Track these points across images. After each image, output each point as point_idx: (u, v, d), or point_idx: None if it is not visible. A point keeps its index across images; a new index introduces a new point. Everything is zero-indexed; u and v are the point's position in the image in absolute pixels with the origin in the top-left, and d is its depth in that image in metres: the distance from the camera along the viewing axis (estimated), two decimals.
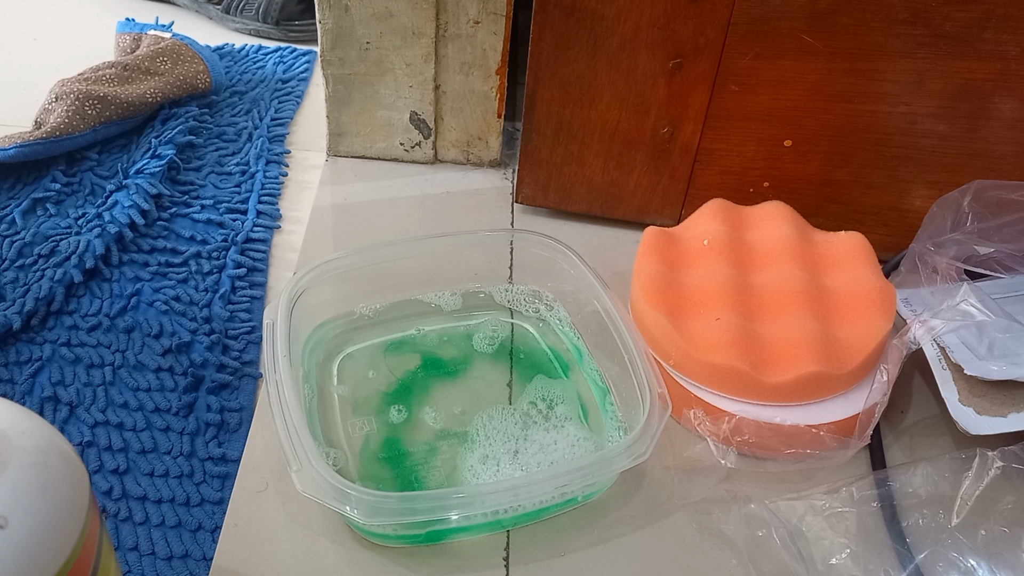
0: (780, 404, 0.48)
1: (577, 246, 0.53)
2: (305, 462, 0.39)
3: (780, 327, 0.49)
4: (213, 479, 0.47)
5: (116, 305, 0.57)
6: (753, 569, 0.42)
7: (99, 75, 0.72)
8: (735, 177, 0.61)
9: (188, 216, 0.65)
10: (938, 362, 0.48)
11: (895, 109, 0.56)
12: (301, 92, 0.81)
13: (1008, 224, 0.54)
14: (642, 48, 0.56)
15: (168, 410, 0.50)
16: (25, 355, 0.53)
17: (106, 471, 0.47)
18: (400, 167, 0.71)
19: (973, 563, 0.41)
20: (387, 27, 0.63)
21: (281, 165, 0.72)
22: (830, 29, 0.53)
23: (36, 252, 0.60)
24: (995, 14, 0.51)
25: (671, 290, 0.52)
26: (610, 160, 0.62)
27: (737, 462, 0.47)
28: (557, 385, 0.50)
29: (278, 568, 0.42)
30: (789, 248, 0.54)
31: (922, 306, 0.52)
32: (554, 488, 0.40)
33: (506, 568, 0.43)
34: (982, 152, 0.57)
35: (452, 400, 0.50)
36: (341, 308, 0.54)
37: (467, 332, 0.54)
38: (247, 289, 0.59)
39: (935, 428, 0.51)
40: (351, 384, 0.50)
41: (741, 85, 0.57)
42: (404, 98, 0.67)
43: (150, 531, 0.45)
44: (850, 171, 0.59)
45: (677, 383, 0.50)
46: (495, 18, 0.62)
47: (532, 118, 0.61)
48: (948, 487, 0.44)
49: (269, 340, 0.45)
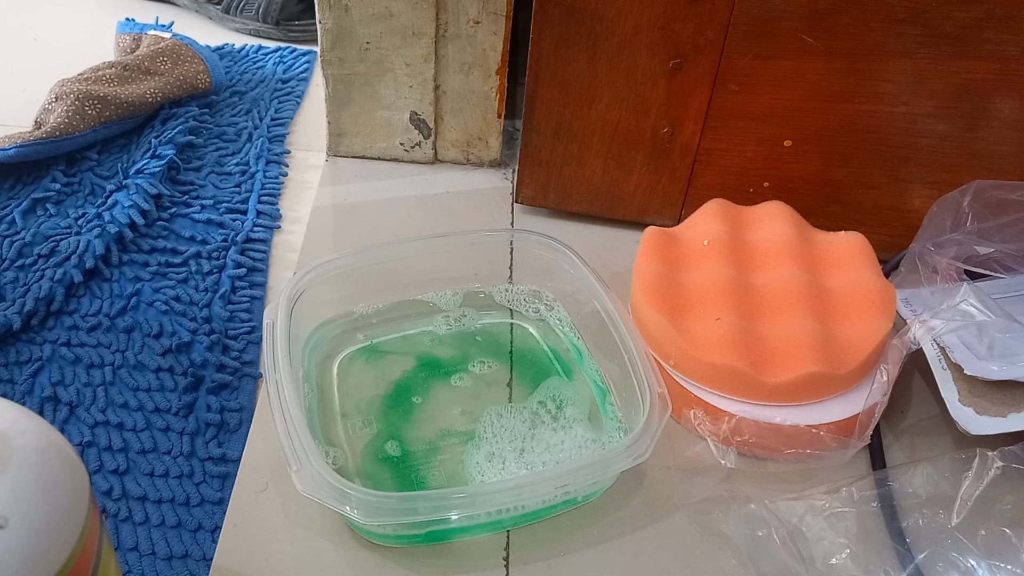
0: (780, 404, 0.48)
1: (577, 246, 0.53)
2: (305, 462, 0.39)
3: (780, 327, 0.49)
4: (213, 479, 0.47)
5: (116, 305, 0.57)
6: (753, 569, 0.42)
7: (99, 75, 0.72)
8: (735, 177, 0.61)
9: (188, 216, 0.65)
10: (938, 362, 0.48)
11: (895, 109, 0.56)
12: (301, 92, 0.81)
13: (1008, 224, 0.54)
14: (642, 48, 0.56)
15: (168, 410, 0.50)
16: (25, 355, 0.53)
17: (106, 471, 0.47)
18: (400, 167, 0.71)
19: (973, 563, 0.41)
20: (387, 27, 0.63)
21: (281, 165, 0.72)
22: (830, 29, 0.53)
23: (36, 252, 0.60)
24: (995, 14, 0.51)
25: (671, 290, 0.52)
26: (610, 160, 0.62)
27: (737, 462, 0.47)
28: (568, 386, 0.51)
29: (278, 568, 0.42)
30: (789, 248, 0.54)
31: (922, 306, 0.52)
32: (554, 488, 0.40)
33: (506, 568, 0.43)
34: (982, 152, 0.57)
35: (452, 400, 0.50)
36: (341, 308, 0.54)
37: (467, 332, 0.54)
38: (247, 289, 0.59)
39: (935, 428, 0.51)
40: (351, 384, 0.50)
41: (741, 85, 0.57)
42: (404, 98, 0.67)
43: (150, 531, 0.45)
44: (850, 171, 0.59)
45: (677, 383, 0.50)
46: (495, 18, 0.62)
47: (532, 118, 0.61)
48: (948, 487, 0.44)
49: (269, 340, 0.45)
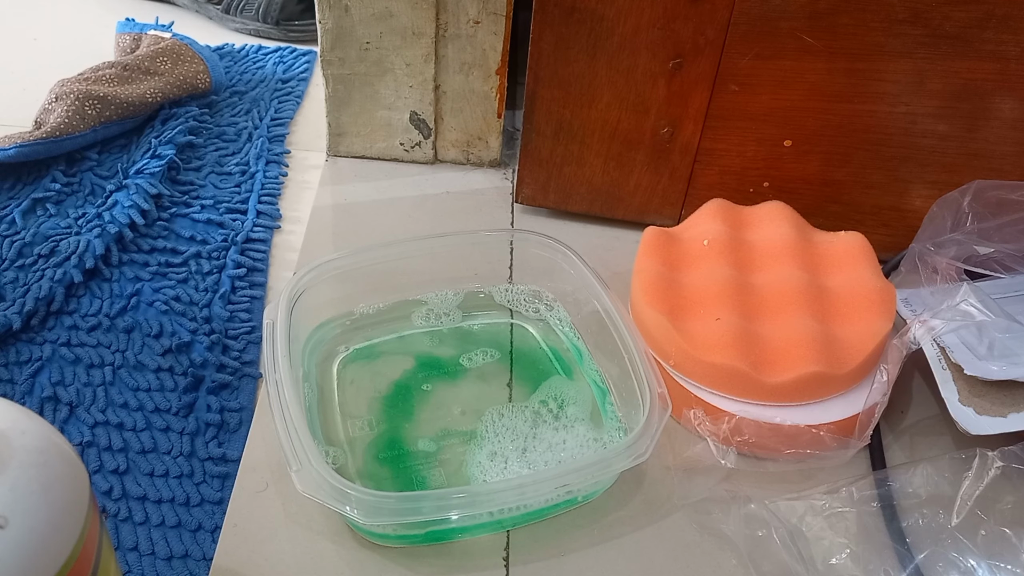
0: (780, 404, 0.48)
1: (577, 246, 0.53)
2: (305, 462, 0.39)
3: (780, 327, 0.49)
4: (213, 479, 0.47)
5: (116, 305, 0.57)
6: (753, 569, 0.42)
7: (99, 75, 0.72)
8: (735, 177, 0.61)
9: (188, 216, 0.65)
10: (938, 362, 0.48)
11: (895, 109, 0.56)
12: (301, 92, 0.81)
13: (1008, 224, 0.54)
14: (642, 48, 0.56)
15: (168, 410, 0.50)
16: (25, 355, 0.53)
17: (106, 471, 0.47)
18: (400, 167, 0.71)
19: (973, 563, 0.41)
20: (387, 27, 0.63)
21: (281, 165, 0.72)
22: (830, 29, 0.53)
23: (36, 252, 0.60)
24: (995, 14, 0.51)
25: (671, 290, 0.52)
26: (610, 160, 0.62)
27: (737, 462, 0.47)
28: (570, 386, 0.51)
29: (278, 568, 0.42)
30: (789, 248, 0.54)
31: (922, 306, 0.52)
32: (554, 488, 0.40)
33: (506, 568, 0.43)
34: (982, 152, 0.57)
35: (452, 400, 0.50)
36: (341, 308, 0.54)
37: (467, 332, 0.54)
38: (247, 289, 0.59)
39: (935, 428, 0.51)
40: (351, 384, 0.50)
41: (741, 85, 0.57)
42: (404, 98, 0.67)
43: (150, 531, 0.45)
44: (850, 171, 0.59)
45: (677, 383, 0.50)
46: (495, 18, 0.62)
47: (532, 118, 0.61)
48: (948, 487, 0.44)
49: (269, 340, 0.45)
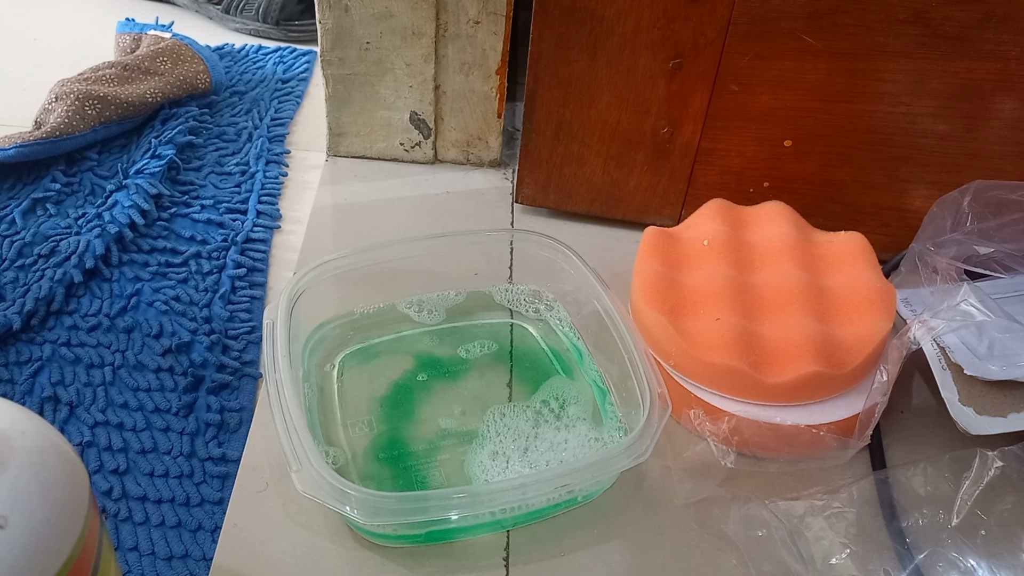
0: (780, 404, 0.48)
1: (577, 246, 0.53)
2: (305, 462, 0.39)
3: (780, 327, 0.49)
4: (213, 479, 0.47)
5: (116, 305, 0.57)
6: (753, 569, 0.42)
7: (99, 75, 0.72)
8: (735, 177, 0.61)
9: (188, 216, 0.65)
10: (938, 362, 0.48)
11: (895, 109, 0.56)
12: (301, 92, 0.81)
13: (1008, 224, 0.54)
14: (642, 48, 0.56)
15: (168, 410, 0.50)
16: (25, 355, 0.53)
17: (106, 471, 0.47)
18: (400, 167, 0.71)
19: (973, 563, 0.41)
20: (387, 27, 0.63)
21: (281, 165, 0.72)
22: (830, 29, 0.53)
23: (36, 252, 0.60)
24: (995, 14, 0.51)
25: (671, 290, 0.52)
26: (610, 160, 0.62)
27: (737, 462, 0.47)
28: (571, 385, 0.51)
29: (278, 568, 0.42)
30: (789, 248, 0.54)
31: (922, 306, 0.52)
32: (554, 488, 0.40)
33: (506, 568, 0.43)
34: (982, 152, 0.57)
35: (452, 400, 0.50)
36: (341, 308, 0.54)
37: (467, 332, 0.54)
38: (247, 289, 0.59)
39: (935, 428, 0.51)
40: (351, 384, 0.50)
41: (741, 85, 0.57)
42: (404, 98, 0.67)
43: (150, 531, 0.45)
44: (850, 171, 0.59)
45: (677, 383, 0.50)
46: (495, 18, 0.62)
47: (532, 118, 0.61)
48: (948, 487, 0.44)
49: (269, 340, 0.45)
